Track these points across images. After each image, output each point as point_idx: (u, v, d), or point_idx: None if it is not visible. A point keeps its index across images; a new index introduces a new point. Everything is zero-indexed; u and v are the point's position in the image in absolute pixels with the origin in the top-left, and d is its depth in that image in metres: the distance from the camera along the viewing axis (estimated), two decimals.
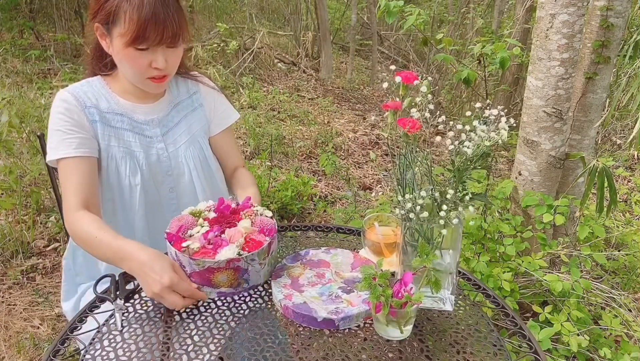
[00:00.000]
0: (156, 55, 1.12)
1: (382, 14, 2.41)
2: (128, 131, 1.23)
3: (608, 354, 1.64)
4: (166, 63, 1.14)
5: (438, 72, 5.93)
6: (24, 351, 1.91)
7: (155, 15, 1.07)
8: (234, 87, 5.34)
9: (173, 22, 1.09)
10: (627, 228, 2.62)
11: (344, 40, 8.13)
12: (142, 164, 1.22)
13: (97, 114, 1.19)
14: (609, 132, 4.45)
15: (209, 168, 1.34)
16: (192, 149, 1.30)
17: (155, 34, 1.08)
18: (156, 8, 1.07)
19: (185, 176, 1.29)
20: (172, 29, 1.10)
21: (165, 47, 1.12)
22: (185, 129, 1.30)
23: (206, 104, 1.36)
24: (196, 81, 1.38)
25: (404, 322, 0.91)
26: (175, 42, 1.13)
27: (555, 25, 1.84)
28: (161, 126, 1.27)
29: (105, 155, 1.20)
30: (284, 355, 0.89)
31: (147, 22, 1.06)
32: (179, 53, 1.17)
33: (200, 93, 1.36)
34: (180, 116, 1.31)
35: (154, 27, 1.07)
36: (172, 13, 1.09)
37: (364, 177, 3.79)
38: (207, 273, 1.00)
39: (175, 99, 1.32)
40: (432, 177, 0.95)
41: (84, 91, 1.20)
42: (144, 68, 1.14)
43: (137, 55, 1.11)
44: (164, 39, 1.10)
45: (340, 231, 1.33)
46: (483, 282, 1.15)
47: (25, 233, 2.49)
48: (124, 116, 1.23)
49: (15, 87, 4.21)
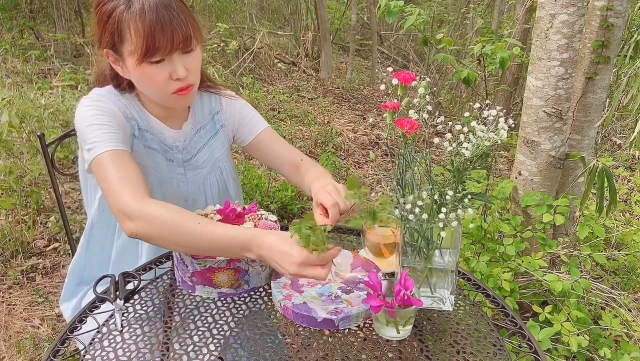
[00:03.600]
0: (174, 65, 1.04)
1: (382, 14, 2.41)
2: (154, 151, 1.17)
3: (608, 354, 1.64)
4: (187, 71, 1.05)
5: (438, 72, 5.93)
6: (24, 351, 1.92)
7: (161, 20, 0.99)
8: (234, 87, 5.34)
9: (181, 23, 1.01)
10: (627, 228, 2.62)
11: (344, 40, 8.13)
12: (161, 185, 1.19)
13: (136, 127, 1.13)
14: (609, 132, 4.45)
15: (227, 194, 1.30)
16: (212, 176, 1.26)
17: (165, 40, 1.00)
18: (159, 12, 0.99)
19: (199, 203, 1.25)
20: (182, 31, 1.01)
21: (180, 53, 1.04)
22: (208, 156, 1.25)
23: (228, 122, 1.29)
24: (218, 95, 1.29)
25: (403, 322, 0.91)
26: (189, 46, 1.04)
27: (555, 25, 1.84)
28: (184, 152, 1.22)
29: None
30: (284, 355, 0.89)
31: (153, 30, 0.99)
32: (197, 57, 1.08)
33: (222, 112, 1.28)
34: (202, 142, 1.25)
35: (162, 33, 0.99)
36: (177, 14, 1.01)
37: (364, 178, 3.79)
38: (208, 272, 1.01)
39: (198, 123, 1.25)
40: (431, 178, 0.95)
41: (118, 98, 1.12)
42: (165, 83, 1.05)
43: (153, 70, 1.03)
44: (175, 44, 1.01)
45: (340, 231, 1.33)
46: (483, 282, 1.15)
47: (25, 233, 2.49)
48: (153, 134, 1.17)
49: (15, 87, 4.21)
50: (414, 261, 0.97)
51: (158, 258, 1.18)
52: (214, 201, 1.27)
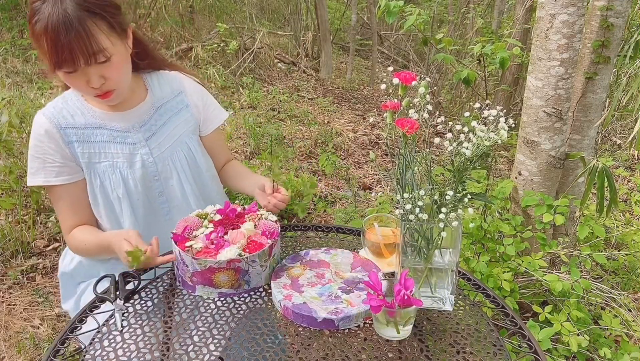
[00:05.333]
0: (88, 75, 1.07)
1: (382, 14, 2.41)
2: (108, 143, 1.20)
3: (608, 354, 1.64)
4: (104, 79, 1.09)
5: (438, 72, 5.93)
6: (24, 351, 1.91)
7: (60, 40, 1.01)
8: (234, 87, 5.34)
9: (81, 42, 1.02)
10: (627, 228, 2.62)
11: (344, 40, 8.13)
12: (127, 174, 1.21)
13: (74, 133, 1.17)
14: (609, 132, 4.45)
15: (197, 168, 1.33)
16: (178, 151, 1.28)
17: (66, 58, 1.03)
18: (59, 33, 1.00)
19: (173, 179, 1.28)
20: (84, 50, 1.03)
21: (95, 64, 1.06)
22: (170, 132, 1.28)
23: (192, 104, 1.33)
24: (180, 76, 1.34)
25: (403, 322, 0.91)
26: (96, 60, 1.06)
27: (555, 25, 1.84)
28: (144, 130, 1.24)
29: (87, 172, 1.19)
30: (284, 355, 0.89)
31: (55, 47, 1.01)
32: (115, 65, 1.10)
33: (185, 93, 1.33)
34: (164, 119, 1.28)
35: (62, 52, 1.02)
36: (77, 33, 1.01)
37: (364, 178, 3.79)
38: (208, 272, 1.01)
39: (158, 102, 1.28)
40: (431, 177, 0.95)
41: (58, 110, 1.18)
42: (85, 88, 1.10)
43: (70, 78, 1.08)
44: (76, 62, 1.04)
45: (340, 231, 1.33)
46: (483, 282, 1.15)
47: (25, 233, 2.49)
48: (102, 128, 1.20)
49: (15, 87, 4.21)
50: (414, 261, 0.97)
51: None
52: (186, 176, 1.30)
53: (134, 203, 1.23)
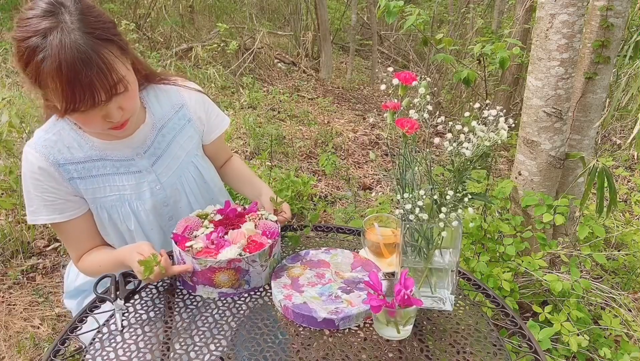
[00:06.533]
0: (107, 110, 0.97)
1: (382, 14, 2.41)
2: (112, 175, 1.11)
3: (608, 354, 1.64)
4: (121, 110, 1.00)
5: (438, 72, 5.93)
6: (24, 351, 1.92)
7: (79, 79, 0.89)
8: (234, 87, 5.34)
9: (102, 78, 0.92)
10: (627, 228, 2.62)
11: (344, 40, 8.13)
12: (136, 206, 1.14)
13: (74, 170, 1.07)
14: (609, 132, 4.45)
15: (206, 185, 1.27)
16: (186, 172, 1.21)
17: (86, 98, 0.92)
18: (77, 71, 0.89)
19: (182, 202, 1.22)
20: (105, 85, 0.93)
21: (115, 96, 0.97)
22: (176, 153, 1.20)
23: (195, 117, 1.24)
24: (177, 87, 1.23)
25: (403, 322, 0.91)
26: (116, 92, 0.96)
27: (555, 26, 1.84)
28: (148, 155, 1.15)
29: (94, 206, 1.12)
30: (284, 355, 0.89)
31: (72, 88, 0.90)
32: (131, 94, 1.01)
33: (186, 107, 1.22)
34: (167, 139, 1.18)
35: (82, 92, 0.90)
36: (97, 70, 0.91)
37: (364, 178, 3.79)
38: (209, 272, 1.01)
39: (159, 121, 1.18)
40: (431, 177, 0.95)
41: (52, 144, 1.06)
42: (99, 123, 1.00)
43: (85, 116, 0.96)
44: (97, 100, 0.93)
45: (340, 231, 1.33)
46: (483, 282, 1.15)
47: (25, 233, 2.49)
48: (104, 159, 1.10)
49: (15, 87, 4.21)
50: (414, 261, 0.98)
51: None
52: (195, 198, 1.24)
53: (147, 233, 1.18)
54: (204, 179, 1.26)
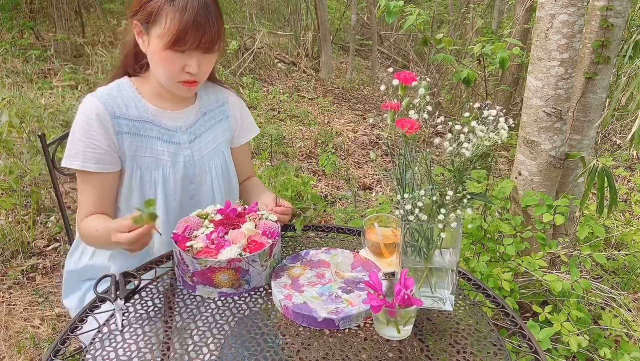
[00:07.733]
0: (191, 60, 1.13)
1: (382, 14, 2.41)
2: (157, 140, 1.22)
3: (608, 354, 1.64)
4: (198, 69, 1.15)
5: (438, 72, 5.93)
6: (24, 351, 1.92)
7: (196, 20, 1.08)
8: (234, 87, 5.32)
9: (212, 29, 1.11)
10: (627, 228, 2.62)
11: (344, 40, 8.13)
12: (168, 173, 1.23)
13: (126, 125, 1.18)
14: (608, 132, 4.45)
15: (229, 177, 1.36)
16: (215, 158, 1.32)
17: (194, 39, 1.09)
18: (198, 14, 1.08)
19: (206, 184, 1.30)
20: (211, 35, 1.11)
21: (200, 52, 1.13)
22: (211, 139, 1.32)
23: (232, 115, 1.38)
24: (225, 90, 1.39)
25: (403, 322, 0.91)
26: (211, 49, 1.14)
27: (555, 26, 1.84)
28: (189, 133, 1.27)
29: (130, 164, 1.19)
30: (284, 355, 0.89)
31: (187, 27, 1.08)
32: (212, 60, 1.18)
33: (228, 104, 1.38)
34: (207, 125, 1.32)
35: (194, 32, 1.08)
36: (212, 20, 1.10)
37: (364, 178, 3.79)
38: (209, 272, 1.01)
39: (204, 108, 1.32)
40: (431, 177, 0.95)
41: (113, 99, 1.18)
42: (177, 71, 1.14)
43: (172, 57, 1.12)
44: (201, 44, 1.11)
45: (340, 231, 1.33)
46: (483, 282, 1.16)
47: (25, 233, 2.49)
48: (153, 123, 1.22)
49: (15, 87, 4.21)
50: (414, 261, 0.98)
51: (159, 258, 1.19)
52: (218, 183, 1.33)
53: (169, 203, 1.24)
54: (228, 170, 1.35)
